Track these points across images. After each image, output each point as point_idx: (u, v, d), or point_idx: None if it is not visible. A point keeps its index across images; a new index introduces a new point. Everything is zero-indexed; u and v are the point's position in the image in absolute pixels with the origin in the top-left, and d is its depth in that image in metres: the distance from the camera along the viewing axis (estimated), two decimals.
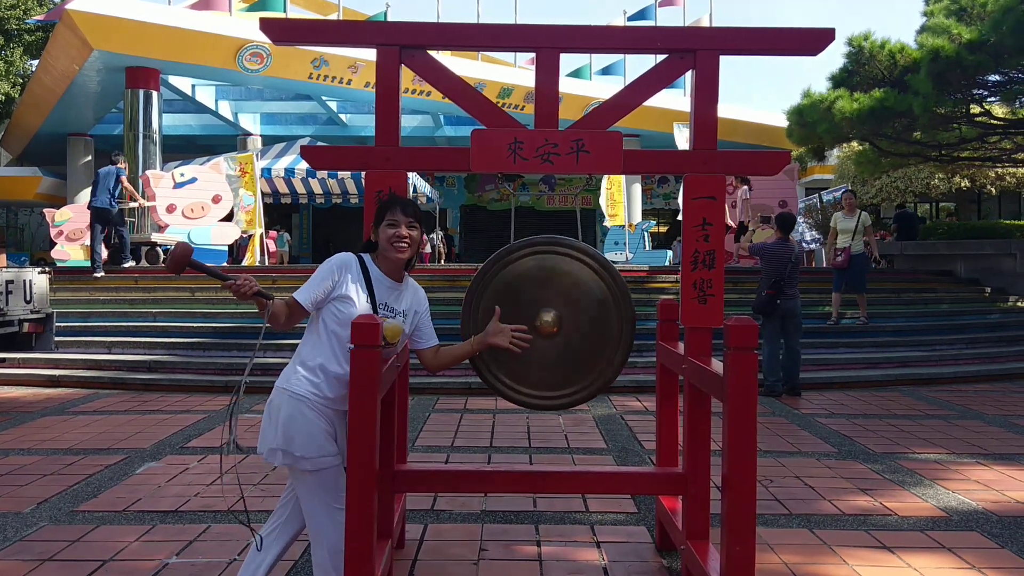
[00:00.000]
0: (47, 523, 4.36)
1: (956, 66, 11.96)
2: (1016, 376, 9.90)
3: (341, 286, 2.87)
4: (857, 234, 10.85)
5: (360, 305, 2.86)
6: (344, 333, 2.82)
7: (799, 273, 8.52)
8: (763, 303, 8.27)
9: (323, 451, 2.81)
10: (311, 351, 2.89)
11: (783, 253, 8.23)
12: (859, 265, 10.86)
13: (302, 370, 2.86)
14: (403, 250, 2.94)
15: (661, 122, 21.77)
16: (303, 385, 2.83)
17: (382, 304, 2.94)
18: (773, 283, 8.19)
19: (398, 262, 2.97)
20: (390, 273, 2.98)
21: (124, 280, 12.86)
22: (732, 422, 2.73)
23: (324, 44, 3.60)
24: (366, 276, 2.93)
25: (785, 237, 8.43)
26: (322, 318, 2.89)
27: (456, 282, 12.09)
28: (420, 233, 3.00)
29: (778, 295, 8.17)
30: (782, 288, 8.18)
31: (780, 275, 8.17)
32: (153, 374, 9.22)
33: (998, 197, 25.78)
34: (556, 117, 3.42)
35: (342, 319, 2.83)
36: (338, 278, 2.87)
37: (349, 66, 21.50)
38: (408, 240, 2.94)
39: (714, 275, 3.36)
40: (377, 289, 2.93)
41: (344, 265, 2.90)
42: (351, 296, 2.86)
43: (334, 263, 2.90)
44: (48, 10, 28.23)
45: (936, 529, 4.32)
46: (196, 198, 16.48)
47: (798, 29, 3.40)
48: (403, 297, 3.04)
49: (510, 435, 6.51)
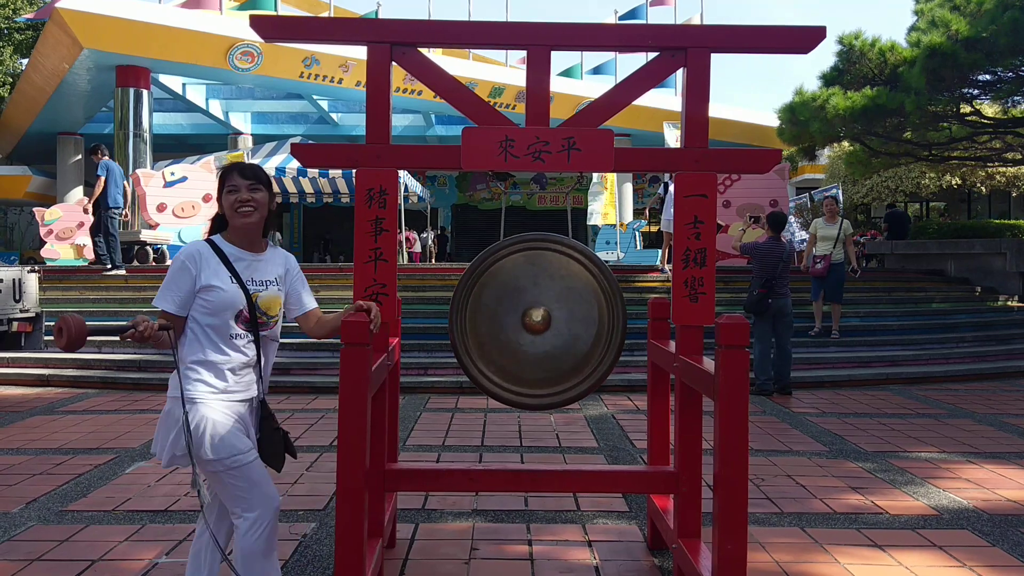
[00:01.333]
0: (36, 523, 4.33)
1: (951, 63, 11.96)
2: (1007, 375, 9.95)
3: (200, 277, 2.71)
4: (839, 242, 10.52)
5: (227, 288, 2.72)
6: (217, 320, 2.71)
7: (790, 272, 8.53)
8: (755, 302, 8.28)
9: (234, 450, 2.68)
10: (189, 350, 2.74)
11: (775, 252, 8.24)
12: (838, 274, 10.52)
13: (189, 373, 2.71)
14: (248, 214, 2.77)
15: (652, 122, 21.82)
16: (194, 387, 2.69)
17: (249, 280, 2.78)
18: (765, 282, 8.21)
19: (247, 228, 2.79)
20: (245, 245, 2.82)
21: (114, 279, 12.80)
22: (723, 420, 2.72)
23: (314, 41, 3.58)
24: (222, 257, 2.77)
25: (776, 236, 8.44)
26: (191, 316, 2.74)
27: (447, 280, 12.09)
28: (267, 195, 2.81)
29: (769, 294, 8.18)
30: (773, 287, 8.20)
31: (772, 274, 8.19)
32: (143, 373, 9.17)
33: (988, 196, 25.89)
34: (547, 115, 3.41)
35: (212, 308, 2.71)
36: (194, 271, 2.71)
37: (340, 65, 21.48)
38: (252, 203, 2.76)
39: (705, 273, 3.36)
40: (237, 266, 2.77)
41: (193, 256, 2.73)
42: (214, 284, 2.71)
43: (183, 258, 2.73)
44: (38, 8, 28.09)
45: (927, 527, 4.33)
46: (186, 197, 16.45)
47: (789, 27, 3.40)
48: (269, 267, 2.88)
49: (501, 434, 6.50)
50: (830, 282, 10.48)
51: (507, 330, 3.50)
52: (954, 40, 11.94)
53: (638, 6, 27.33)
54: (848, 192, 24.29)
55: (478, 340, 3.53)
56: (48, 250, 16.54)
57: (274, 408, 2.95)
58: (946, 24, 12.15)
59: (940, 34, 12.11)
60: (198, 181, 16.61)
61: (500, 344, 3.51)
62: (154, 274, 13.18)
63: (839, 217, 10.92)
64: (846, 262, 10.71)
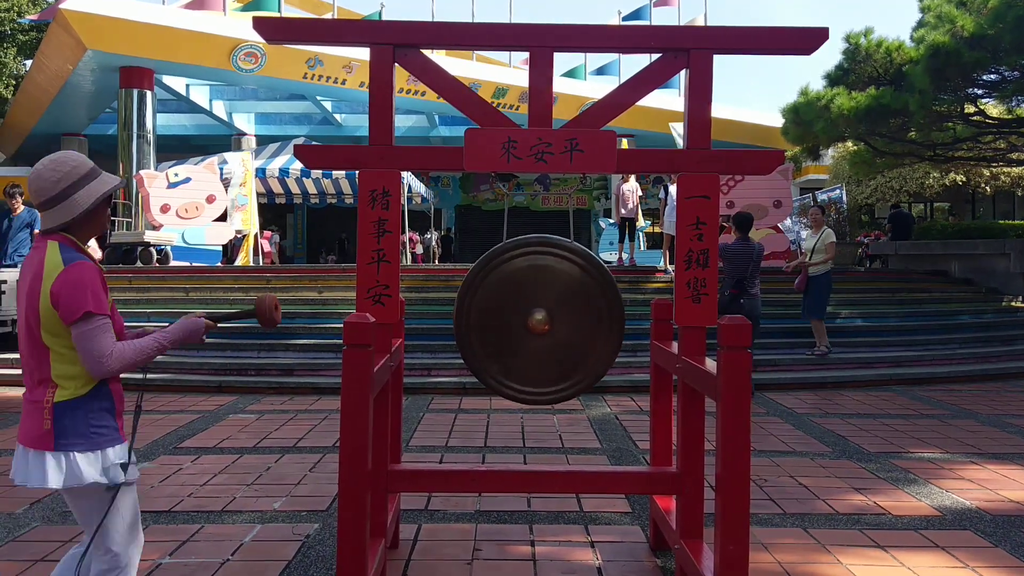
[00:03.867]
0: (40, 523, 4.34)
1: (955, 62, 11.89)
2: (1010, 376, 9.92)
3: None
4: (817, 253, 9.99)
5: None
6: None
7: (760, 272, 8.55)
8: (727, 303, 8.28)
9: None
10: None
11: (744, 252, 8.25)
12: (815, 288, 9.96)
13: None
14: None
15: (656, 122, 21.81)
16: None
17: None
18: (736, 282, 8.21)
19: None
20: None
21: (118, 280, 12.82)
22: (726, 421, 2.72)
23: (317, 43, 3.59)
24: None
25: (744, 236, 8.45)
26: None
27: (450, 282, 12.09)
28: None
29: (741, 294, 8.20)
30: (745, 287, 8.23)
31: (742, 274, 8.20)
32: (146, 374, 9.17)
33: (992, 197, 25.85)
34: (550, 116, 3.42)
35: None
36: None
37: (344, 66, 21.49)
38: None
39: (708, 274, 3.36)
40: None
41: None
42: None
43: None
44: (42, 10, 28.16)
45: (930, 528, 4.32)
46: (190, 198, 16.46)
47: (791, 28, 3.40)
48: None
49: (504, 435, 6.51)
50: (807, 297, 10.09)
51: (511, 331, 3.56)
52: (959, 37, 11.85)
53: (642, 7, 27.34)
54: (852, 192, 24.28)
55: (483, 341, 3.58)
56: None
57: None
58: (951, 20, 12.05)
59: (944, 32, 12.03)
60: (202, 182, 16.63)
61: (504, 344, 3.56)
62: (158, 275, 13.20)
63: (825, 227, 10.39)
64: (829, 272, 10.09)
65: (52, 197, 2.38)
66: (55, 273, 2.30)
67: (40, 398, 2.38)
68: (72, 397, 2.38)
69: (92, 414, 2.41)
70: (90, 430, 2.40)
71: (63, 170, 2.39)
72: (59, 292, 2.29)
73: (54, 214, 2.39)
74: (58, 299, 2.30)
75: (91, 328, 2.32)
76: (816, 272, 10.03)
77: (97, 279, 2.38)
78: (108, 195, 2.46)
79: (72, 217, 2.39)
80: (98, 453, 2.40)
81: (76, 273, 2.32)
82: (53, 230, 2.40)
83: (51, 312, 2.32)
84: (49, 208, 2.39)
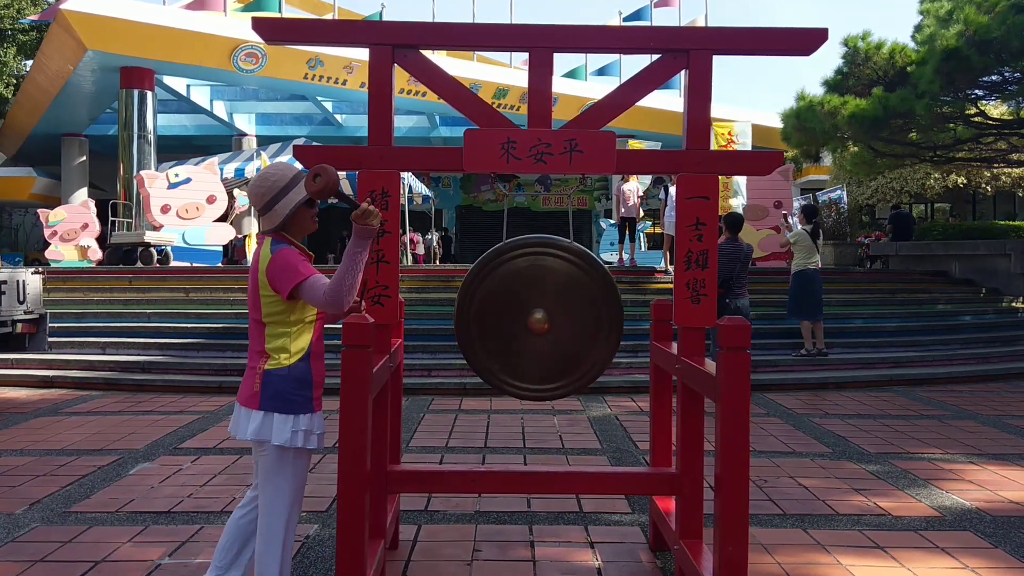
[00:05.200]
0: (39, 524, 4.34)
1: (964, 65, 11.82)
2: (1011, 377, 9.92)
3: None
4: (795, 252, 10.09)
5: None
6: None
7: (748, 272, 8.56)
8: None
9: None
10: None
11: (733, 253, 8.25)
12: (793, 287, 10.03)
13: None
14: None
15: (656, 123, 21.79)
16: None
17: None
18: (723, 282, 8.21)
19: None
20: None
21: (118, 281, 12.84)
22: (725, 422, 2.72)
23: (317, 44, 3.59)
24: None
25: (734, 237, 8.45)
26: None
27: (450, 283, 12.09)
28: None
29: (728, 294, 8.20)
30: (732, 287, 8.23)
31: (730, 274, 8.20)
32: (147, 375, 9.19)
33: (993, 197, 25.82)
34: (550, 117, 3.41)
35: None
36: None
37: (344, 66, 21.48)
38: None
39: (707, 275, 3.36)
40: None
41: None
42: None
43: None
44: (42, 10, 28.18)
45: (930, 529, 4.32)
46: (190, 198, 16.49)
47: (791, 29, 3.40)
48: None
49: (504, 436, 6.51)
50: (789, 296, 10.12)
51: (512, 330, 3.58)
52: (971, 37, 11.73)
53: (642, 7, 27.31)
54: (853, 193, 24.24)
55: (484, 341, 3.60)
56: (52, 251, 16.59)
57: None
58: (964, 19, 11.90)
59: (955, 33, 11.90)
60: (202, 183, 16.65)
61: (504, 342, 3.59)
62: (158, 276, 13.20)
63: (799, 227, 10.33)
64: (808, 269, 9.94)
65: (261, 208, 2.88)
66: (266, 260, 2.81)
67: (255, 365, 2.87)
68: (278, 367, 2.83)
69: (292, 383, 2.83)
70: (288, 396, 2.82)
71: (265, 185, 2.86)
72: (273, 274, 2.79)
73: (265, 220, 2.89)
74: (274, 279, 2.78)
75: (308, 286, 2.76)
76: (795, 268, 10.11)
77: (298, 258, 2.82)
78: (303, 201, 2.86)
79: (279, 222, 2.86)
80: (290, 417, 2.81)
81: (282, 258, 2.79)
82: (269, 231, 2.89)
83: (268, 291, 2.81)
84: (262, 216, 2.89)
